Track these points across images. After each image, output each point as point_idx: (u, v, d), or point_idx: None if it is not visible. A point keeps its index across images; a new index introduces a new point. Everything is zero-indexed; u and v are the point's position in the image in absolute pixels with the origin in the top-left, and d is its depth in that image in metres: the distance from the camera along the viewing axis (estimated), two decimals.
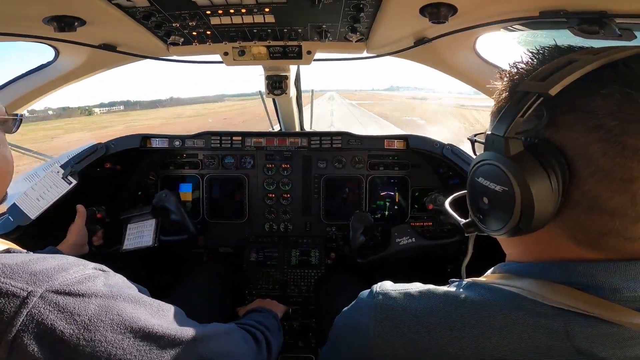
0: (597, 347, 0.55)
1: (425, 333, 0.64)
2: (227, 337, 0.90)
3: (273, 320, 1.33)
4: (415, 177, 2.24)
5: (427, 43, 1.44)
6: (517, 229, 0.60)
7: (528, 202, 0.57)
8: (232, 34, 1.46)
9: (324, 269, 2.27)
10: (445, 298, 0.67)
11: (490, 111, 0.72)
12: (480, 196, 0.65)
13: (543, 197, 0.56)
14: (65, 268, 0.67)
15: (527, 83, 0.60)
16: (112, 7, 1.11)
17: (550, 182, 0.56)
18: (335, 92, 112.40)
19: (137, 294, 0.73)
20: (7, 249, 0.74)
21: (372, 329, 0.70)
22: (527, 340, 0.57)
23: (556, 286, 0.59)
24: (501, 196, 0.60)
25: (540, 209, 0.57)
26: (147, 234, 1.86)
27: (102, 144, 2.05)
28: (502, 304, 0.62)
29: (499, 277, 0.69)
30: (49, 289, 0.62)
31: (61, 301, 0.62)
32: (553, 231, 0.61)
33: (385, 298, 0.72)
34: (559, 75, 0.56)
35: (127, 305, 0.68)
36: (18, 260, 0.65)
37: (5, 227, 1.71)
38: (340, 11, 1.23)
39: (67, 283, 0.64)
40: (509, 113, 0.59)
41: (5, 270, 0.63)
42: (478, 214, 0.68)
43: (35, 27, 1.22)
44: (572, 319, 0.56)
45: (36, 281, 0.62)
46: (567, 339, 0.56)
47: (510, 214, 0.59)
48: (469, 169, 0.69)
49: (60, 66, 1.66)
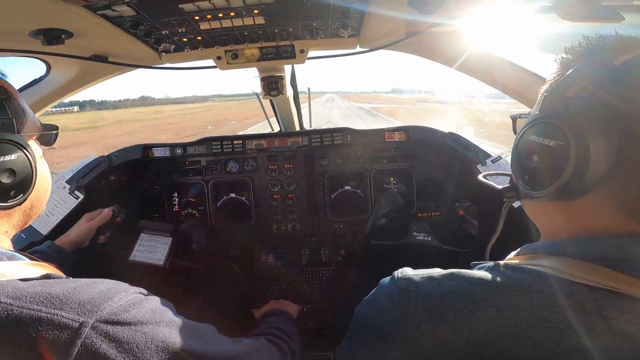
0: (631, 325, 0.55)
1: (451, 314, 0.64)
2: (259, 352, 0.96)
3: (291, 324, 1.37)
4: (419, 168, 2.23)
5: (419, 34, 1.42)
6: (565, 189, 0.60)
7: (583, 158, 0.57)
8: (223, 37, 1.45)
9: (335, 266, 2.26)
10: (470, 280, 0.67)
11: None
12: (529, 155, 0.66)
13: (598, 154, 0.57)
14: (109, 296, 0.70)
15: (591, 57, 0.63)
16: (98, 18, 1.10)
17: (607, 141, 0.57)
18: (336, 94, 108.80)
19: (175, 317, 0.78)
20: (47, 274, 0.76)
21: (397, 313, 0.70)
22: (557, 319, 0.57)
23: (584, 264, 0.59)
24: (555, 151, 0.61)
25: (595, 168, 0.57)
26: (160, 251, 1.80)
27: (104, 157, 2.06)
28: (529, 284, 0.62)
29: (524, 257, 0.69)
30: (99, 319, 0.65)
31: (111, 331, 0.66)
32: (597, 199, 0.61)
33: (408, 282, 0.73)
34: (625, 50, 0.60)
35: (170, 330, 0.73)
36: (63, 289, 0.68)
37: (18, 243, 1.72)
38: (329, 8, 1.21)
39: (114, 312, 0.68)
40: (572, 80, 0.63)
41: (54, 301, 0.65)
42: (524, 175, 0.68)
43: (23, 41, 1.21)
44: (602, 296, 0.56)
45: (85, 312, 0.65)
46: (600, 317, 0.55)
47: (561, 171, 0.59)
48: (518, 132, 0.70)
49: (54, 80, 1.66)
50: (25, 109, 0.86)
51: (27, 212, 0.87)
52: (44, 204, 0.92)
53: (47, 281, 0.71)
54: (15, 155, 0.79)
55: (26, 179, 0.82)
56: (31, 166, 0.82)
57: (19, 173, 0.80)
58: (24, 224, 0.89)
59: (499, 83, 1.63)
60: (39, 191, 0.88)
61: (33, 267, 0.77)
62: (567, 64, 0.67)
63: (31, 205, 0.87)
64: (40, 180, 0.87)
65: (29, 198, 0.83)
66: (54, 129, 0.96)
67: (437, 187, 2.22)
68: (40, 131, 0.91)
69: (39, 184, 0.86)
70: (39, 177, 0.86)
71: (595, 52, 0.63)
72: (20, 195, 0.81)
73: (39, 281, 0.71)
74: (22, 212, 0.86)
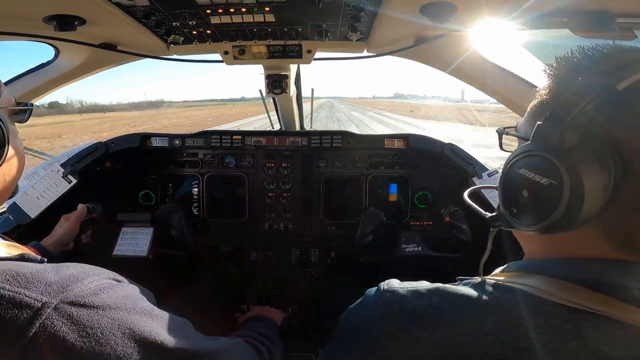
0: (609, 347, 0.54)
1: (433, 329, 0.64)
2: (234, 351, 0.91)
3: (273, 330, 1.35)
4: (416, 177, 2.24)
5: (428, 42, 1.44)
6: (556, 225, 0.58)
7: (577, 198, 0.54)
8: (232, 33, 1.46)
9: (324, 269, 2.27)
10: (455, 296, 0.67)
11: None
12: (518, 189, 0.62)
13: (594, 193, 0.54)
14: (80, 278, 0.66)
15: (590, 77, 0.58)
16: (112, 6, 1.11)
17: (603, 178, 0.54)
18: (334, 99, 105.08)
19: (149, 306, 0.74)
20: (22, 254, 0.73)
21: (380, 326, 0.70)
22: (538, 339, 0.57)
23: (566, 284, 0.59)
24: (547, 190, 0.57)
25: (589, 206, 0.54)
26: (142, 242, 1.80)
27: (102, 143, 2.06)
28: (511, 303, 0.61)
29: (510, 275, 0.68)
30: (63, 300, 0.62)
31: (75, 313, 0.62)
32: (588, 229, 0.59)
33: (393, 295, 0.72)
34: (628, 71, 0.54)
35: (140, 318, 0.68)
36: (33, 269, 0.65)
37: (5, 226, 1.71)
38: (340, 10, 1.23)
39: (81, 294, 0.64)
40: (568, 105, 0.57)
41: (20, 279, 0.62)
42: (512, 208, 0.65)
43: (36, 26, 1.22)
44: (583, 318, 0.56)
45: (51, 292, 0.62)
46: (579, 338, 0.55)
47: (553, 209, 0.56)
48: (507, 161, 0.66)
49: (60, 65, 1.66)
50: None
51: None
52: (13, 180, 0.85)
53: (21, 263, 0.68)
54: None
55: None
56: (4, 136, 0.77)
57: None
58: None
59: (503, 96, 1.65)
60: (12, 165, 0.83)
61: (9, 248, 0.75)
62: (561, 81, 0.63)
63: (3, 179, 0.81)
64: (13, 154, 0.82)
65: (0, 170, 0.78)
66: (29, 106, 0.92)
67: (432, 196, 2.24)
68: (15, 107, 0.87)
69: (11, 156, 0.81)
70: (13, 150, 0.81)
71: (594, 69, 0.59)
72: None
73: (12, 262, 0.68)
74: None
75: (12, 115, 0.87)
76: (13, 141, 0.80)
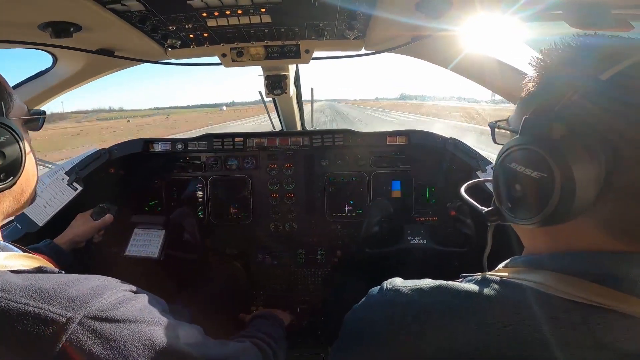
0: (618, 340, 0.54)
1: (437, 327, 0.63)
2: (243, 357, 0.95)
3: (279, 329, 1.35)
4: (419, 173, 2.23)
5: (426, 38, 1.43)
6: (551, 218, 0.58)
7: (569, 189, 0.54)
8: (229, 35, 1.45)
9: (330, 267, 2.27)
10: (458, 293, 0.66)
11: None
12: (511, 183, 0.63)
13: (586, 184, 0.54)
14: (99, 292, 0.69)
15: (575, 68, 0.58)
16: (107, 12, 1.11)
17: (594, 168, 0.54)
18: (335, 102, 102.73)
19: (165, 315, 0.77)
20: (40, 267, 0.75)
21: (384, 325, 0.69)
22: (547, 335, 0.56)
23: (572, 279, 0.58)
24: (539, 183, 0.57)
25: (581, 197, 0.54)
26: (154, 244, 1.83)
27: (104, 150, 2.06)
28: (516, 299, 0.60)
29: (513, 270, 0.68)
30: (87, 315, 0.65)
31: (98, 327, 0.65)
32: (586, 221, 0.59)
33: (396, 294, 0.71)
34: (611, 61, 0.55)
35: (158, 329, 0.73)
36: (54, 283, 0.67)
37: (13, 234, 1.72)
38: (336, 9, 1.22)
39: (103, 308, 0.67)
40: (555, 97, 0.58)
41: (43, 295, 0.64)
42: (507, 202, 0.65)
43: (31, 33, 1.21)
44: (592, 312, 0.55)
45: (74, 307, 0.65)
46: (589, 332, 0.55)
47: (546, 202, 0.57)
48: (498, 155, 0.66)
49: (59, 72, 1.66)
50: (11, 93, 0.84)
51: (18, 198, 0.85)
52: (33, 190, 0.90)
53: (39, 275, 0.71)
54: (4, 137, 0.77)
55: (16, 161, 0.79)
56: (20, 149, 0.80)
57: (9, 156, 0.78)
58: (15, 211, 0.87)
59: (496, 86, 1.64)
60: (29, 175, 0.86)
61: (25, 260, 0.77)
62: (546, 72, 0.63)
63: (22, 190, 0.85)
64: (30, 164, 0.85)
65: (18, 182, 0.81)
66: (42, 114, 0.94)
67: (436, 192, 2.23)
68: (28, 115, 0.89)
69: (29, 166, 0.84)
70: (29, 161, 0.84)
71: (579, 60, 0.59)
72: (10, 178, 0.79)
73: (31, 275, 0.70)
74: (13, 198, 0.84)
75: (25, 124, 0.89)
76: (28, 152, 0.84)
